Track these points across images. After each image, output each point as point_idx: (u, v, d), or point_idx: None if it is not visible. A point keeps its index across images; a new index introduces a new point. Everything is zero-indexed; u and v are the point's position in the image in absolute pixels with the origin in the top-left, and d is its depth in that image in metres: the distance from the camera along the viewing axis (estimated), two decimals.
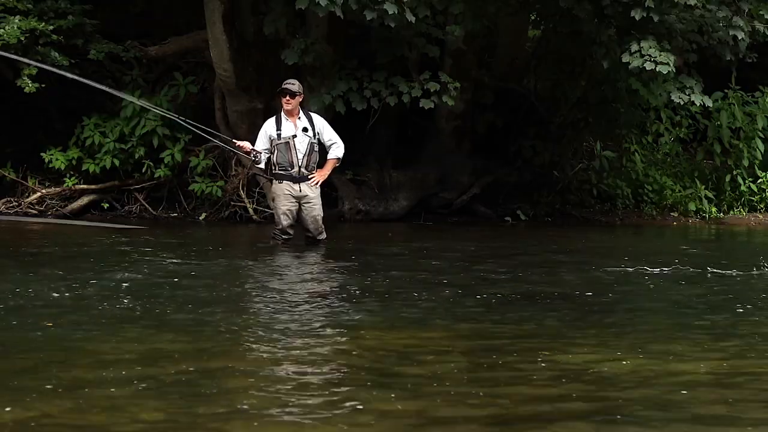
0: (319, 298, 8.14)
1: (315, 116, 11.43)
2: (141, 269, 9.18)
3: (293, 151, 11.07)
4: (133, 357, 5.81)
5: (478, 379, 5.49)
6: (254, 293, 8.33)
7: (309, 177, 11.15)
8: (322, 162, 11.43)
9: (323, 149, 11.37)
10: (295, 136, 11.10)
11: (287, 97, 11.10)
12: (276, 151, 11.11)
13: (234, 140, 11.85)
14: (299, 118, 11.21)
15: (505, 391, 5.22)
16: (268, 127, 11.23)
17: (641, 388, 5.31)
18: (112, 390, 5.05)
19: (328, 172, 11.39)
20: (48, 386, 5.06)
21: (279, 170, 11.14)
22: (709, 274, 9.62)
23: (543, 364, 5.82)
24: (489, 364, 5.85)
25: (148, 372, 5.44)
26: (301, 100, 11.26)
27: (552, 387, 5.30)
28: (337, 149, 11.28)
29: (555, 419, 4.74)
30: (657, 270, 9.70)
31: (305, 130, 11.15)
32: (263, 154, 11.09)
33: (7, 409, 4.65)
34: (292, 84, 11.17)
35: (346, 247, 11.86)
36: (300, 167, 11.08)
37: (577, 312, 7.59)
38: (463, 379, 5.49)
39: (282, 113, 11.22)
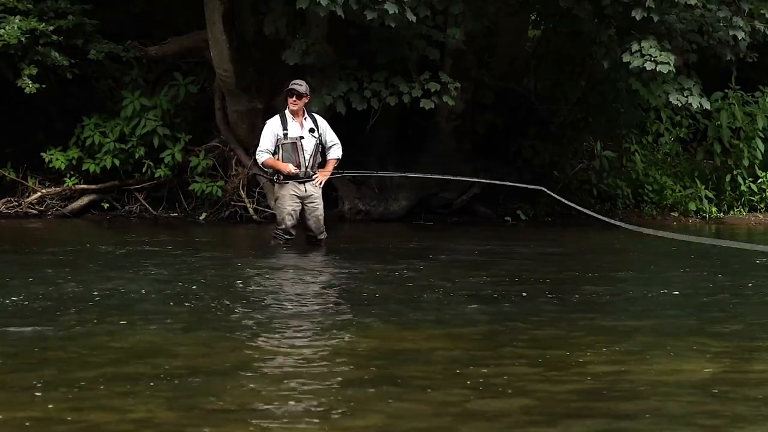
0: (326, 298, 8.15)
1: (318, 117, 11.43)
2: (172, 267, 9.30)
3: (300, 152, 11.06)
4: (136, 354, 5.83)
5: (486, 382, 5.49)
6: (258, 293, 8.32)
7: (313, 177, 11.17)
8: (321, 162, 11.45)
9: (322, 149, 11.39)
10: (302, 137, 11.09)
11: (294, 98, 11.08)
12: (282, 151, 11.08)
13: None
14: (305, 118, 11.20)
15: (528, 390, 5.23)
16: (274, 126, 11.16)
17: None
18: (114, 388, 5.07)
19: (330, 172, 11.39)
20: (34, 387, 5.07)
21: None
22: None
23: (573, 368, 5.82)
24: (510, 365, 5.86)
25: (146, 369, 5.44)
26: (307, 101, 11.25)
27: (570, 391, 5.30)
28: (338, 150, 11.32)
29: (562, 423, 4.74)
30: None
31: (312, 131, 11.15)
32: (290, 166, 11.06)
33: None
34: (300, 85, 11.14)
35: (354, 246, 11.88)
36: (307, 167, 11.09)
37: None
38: (468, 381, 5.49)
39: (286, 113, 11.19)
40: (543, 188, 11.08)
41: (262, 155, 11.13)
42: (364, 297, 8.07)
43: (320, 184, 11.23)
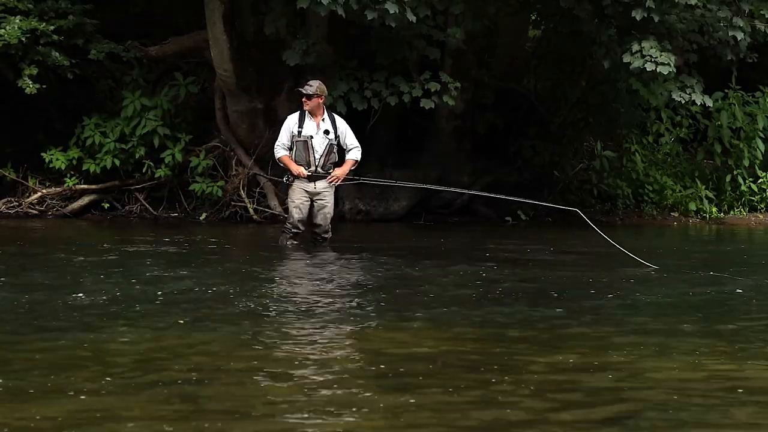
0: (329, 298, 8.15)
1: (339, 120, 11.47)
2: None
3: (310, 151, 11.17)
4: (139, 355, 5.84)
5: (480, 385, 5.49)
6: (262, 293, 8.32)
7: (328, 173, 11.22)
8: (340, 162, 11.50)
9: (342, 149, 11.44)
10: (312, 136, 11.16)
11: (304, 99, 11.18)
12: (295, 149, 11.22)
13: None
14: (323, 119, 11.27)
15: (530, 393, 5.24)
16: (291, 123, 11.32)
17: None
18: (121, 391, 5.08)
19: (346, 172, 11.40)
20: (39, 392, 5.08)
21: None
22: None
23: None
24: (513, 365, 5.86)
25: (151, 371, 5.45)
26: (321, 101, 11.28)
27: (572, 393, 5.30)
28: (356, 152, 11.39)
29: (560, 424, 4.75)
30: None
31: (326, 132, 11.22)
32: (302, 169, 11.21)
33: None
34: (310, 86, 11.24)
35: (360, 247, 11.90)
36: (317, 167, 11.17)
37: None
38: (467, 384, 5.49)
39: (306, 111, 11.28)
40: (577, 210, 11.20)
41: (279, 150, 11.32)
42: (370, 297, 8.07)
43: (334, 181, 11.25)
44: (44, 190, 15.31)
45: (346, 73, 14.37)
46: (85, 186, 15.38)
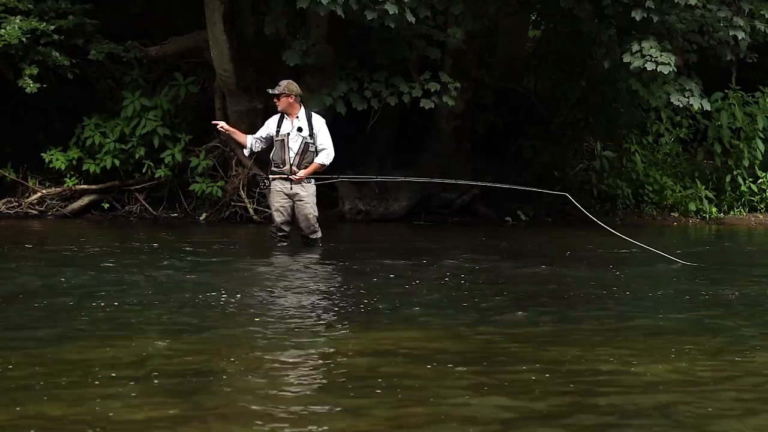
0: (320, 300, 8.16)
1: (316, 118, 11.45)
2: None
3: (286, 150, 11.23)
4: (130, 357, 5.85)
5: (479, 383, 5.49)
6: (257, 293, 8.33)
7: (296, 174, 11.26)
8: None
9: (315, 149, 11.43)
10: (288, 134, 11.23)
11: (274, 99, 11.35)
12: (274, 148, 11.32)
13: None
14: (297, 117, 11.32)
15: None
16: (271, 122, 11.50)
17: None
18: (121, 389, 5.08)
19: (309, 174, 11.31)
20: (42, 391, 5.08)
21: (273, 167, 11.35)
22: None
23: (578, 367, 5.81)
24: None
25: (139, 371, 5.45)
26: (291, 100, 11.30)
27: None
28: (324, 156, 11.31)
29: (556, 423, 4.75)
30: None
31: (300, 129, 11.27)
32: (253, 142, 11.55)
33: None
34: (278, 86, 11.35)
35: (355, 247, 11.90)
36: (292, 165, 11.20)
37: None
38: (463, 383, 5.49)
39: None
40: (567, 194, 11.24)
41: (248, 137, 11.59)
42: (366, 298, 8.08)
43: (297, 180, 11.21)
44: (44, 191, 15.31)
45: (346, 73, 14.37)
46: (85, 186, 15.38)
